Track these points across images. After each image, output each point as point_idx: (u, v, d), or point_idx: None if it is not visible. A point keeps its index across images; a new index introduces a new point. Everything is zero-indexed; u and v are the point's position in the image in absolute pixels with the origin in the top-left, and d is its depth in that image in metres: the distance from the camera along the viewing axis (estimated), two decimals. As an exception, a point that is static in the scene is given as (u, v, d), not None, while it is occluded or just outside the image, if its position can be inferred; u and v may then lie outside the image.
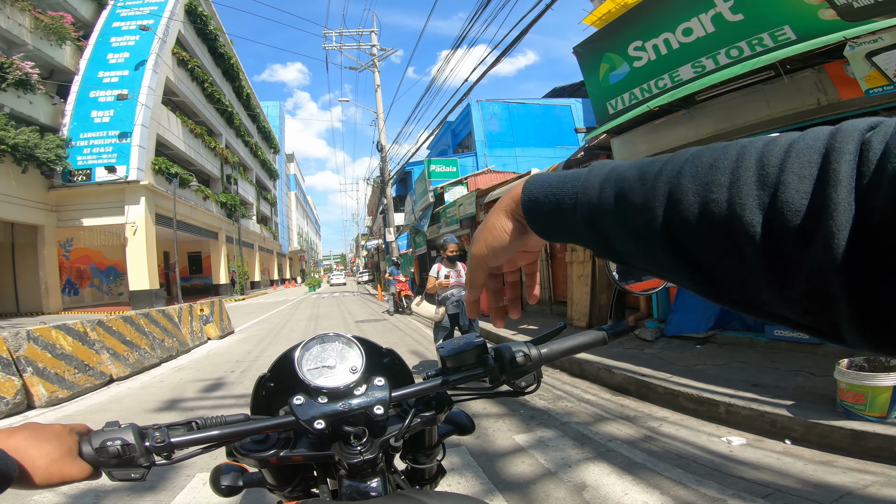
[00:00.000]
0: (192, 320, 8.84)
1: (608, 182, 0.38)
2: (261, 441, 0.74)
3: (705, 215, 0.30)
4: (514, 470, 2.70)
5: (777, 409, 2.83)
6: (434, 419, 0.81)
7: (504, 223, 0.49)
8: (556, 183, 0.43)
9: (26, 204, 15.61)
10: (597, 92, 6.25)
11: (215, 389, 5.16)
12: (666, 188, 0.33)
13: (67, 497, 2.53)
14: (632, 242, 0.37)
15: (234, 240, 28.90)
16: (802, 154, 0.28)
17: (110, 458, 0.57)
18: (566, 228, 0.43)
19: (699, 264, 0.32)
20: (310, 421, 0.68)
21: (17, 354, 4.47)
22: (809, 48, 3.78)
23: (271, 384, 0.83)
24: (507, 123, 19.58)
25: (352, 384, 0.73)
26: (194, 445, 0.65)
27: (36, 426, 0.57)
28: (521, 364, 0.74)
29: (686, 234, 0.32)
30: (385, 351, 0.89)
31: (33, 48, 15.43)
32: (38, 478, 0.53)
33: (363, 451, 0.71)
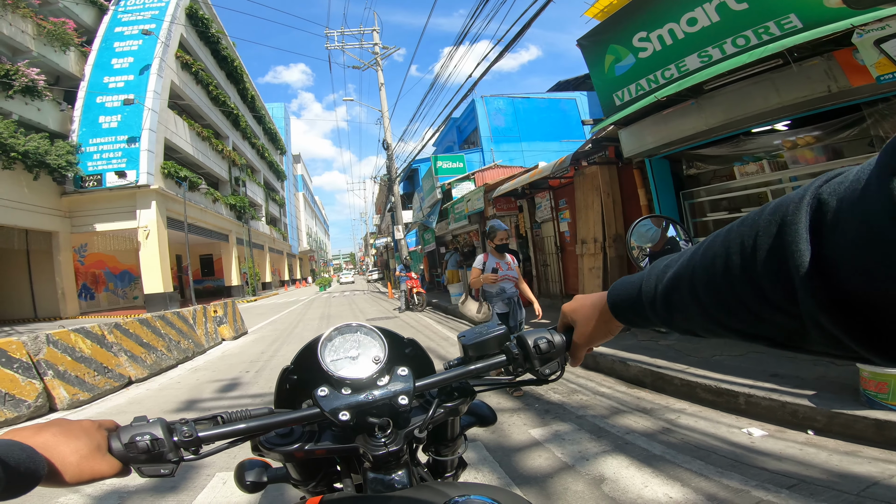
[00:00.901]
0: (207, 322, 8.94)
1: (654, 271, 0.52)
2: (285, 435, 0.74)
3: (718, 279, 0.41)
4: (530, 464, 2.69)
5: (798, 400, 2.78)
6: (457, 409, 0.80)
7: (598, 324, 0.67)
8: (626, 284, 0.58)
9: (40, 211, 15.84)
10: (602, 84, 6.21)
11: (231, 389, 5.22)
12: (690, 263, 0.46)
13: (92, 498, 2.56)
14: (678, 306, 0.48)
15: (244, 241, 29.13)
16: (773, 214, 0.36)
17: (140, 453, 0.57)
18: (640, 314, 0.55)
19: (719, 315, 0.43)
20: (334, 412, 0.67)
21: (38, 358, 4.55)
22: (817, 36, 3.74)
23: (294, 377, 0.83)
24: (512, 118, 19.45)
25: (375, 375, 0.73)
26: (221, 440, 0.65)
27: (65, 422, 0.57)
28: (545, 351, 0.73)
29: (704, 288, 0.43)
30: (407, 341, 0.88)
31: (38, 54, 15.58)
32: (68, 475, 0.52)
33: (388, 443, 0.71)
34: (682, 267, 0.47)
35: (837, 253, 0.29)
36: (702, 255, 0.43)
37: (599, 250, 7.23)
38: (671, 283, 0.48)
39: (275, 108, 52.75)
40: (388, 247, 30.37)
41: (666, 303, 0.49)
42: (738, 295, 0.38)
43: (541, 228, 10.05)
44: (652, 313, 0.52)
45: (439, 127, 14.39)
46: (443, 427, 0.87)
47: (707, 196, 5.94)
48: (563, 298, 9.10)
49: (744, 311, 0.39)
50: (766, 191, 5.21)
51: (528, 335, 0.74)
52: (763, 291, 0.35)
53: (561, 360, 0.74)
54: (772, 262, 0.34)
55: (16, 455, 0.47)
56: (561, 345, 0.73)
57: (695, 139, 5.38)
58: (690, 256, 0.46)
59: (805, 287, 0.31)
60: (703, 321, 0.45)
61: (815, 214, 0.31)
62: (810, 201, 0.32)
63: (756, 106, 4.61)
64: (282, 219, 45.99)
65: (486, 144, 18.79)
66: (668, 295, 0.48)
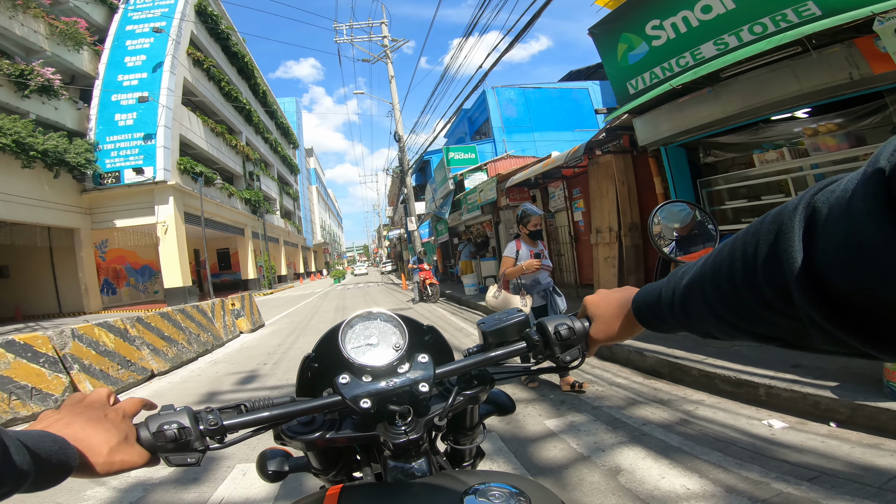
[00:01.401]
0: (225, 315, 9.10)
1: (673, 278, 0.55)
2: (307, 423, 0.74)
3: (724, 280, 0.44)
4: (546, 455, 2.69)
5: (820, 391, 2.73)
6: (476, 397, 0.80)
7: (622, 324, 0.68)
8: (650, 290, 0.61)
9: (61, 208, 16.21)
10: (616, 73, 6.12)
11: (250, 381, 5.31)
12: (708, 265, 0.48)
13: (118, 491, 2.64)
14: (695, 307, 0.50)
15: (259, 235, 29.48)
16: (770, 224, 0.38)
17: (167, 442, 0.58)
18: (661, 319, 0.58)
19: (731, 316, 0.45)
20: (355, 400, 0.67)
21: (63, 352, 4.67)
22: (836, 24, 3.64)
23: (315, 364, 0.83)
24: (523, 108, 19.31)
25: (395, 362, 0.73)
26: (245, 428, 0.66)
27: (91, 411, 0.57)
28: (566, 337, 0.72)
29: (715, 290, 0.46)
30: (426, 328, 0.88)
31: (51, 54, 15.80)
32: (98, 466, 0.53)
33: (408, 431, 0.71)
34: (695, 274, 0.50)
35: (827, 254, 0.31)
36: (711, 263, 0.46)
37: (615, 239, 7.16)
38: (686, 290, 0.51)
39: (286, 103, 52.96)
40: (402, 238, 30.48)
41: (683, 309, 0.52)
42: (743, 299, 0.41)
43: (554, 218, 9.98)
44: (672, 318, 0.55)
45: (450, 118, 14.33)
46: (461, 416, 0.87)
47: (725, 184, 5.84)
48: (578, 288, 9.05)
49: (750, 315, 0.42)
50: (787, 178, 5.10)
51: (549, 321, 0.73)
52: (764, 295, 0.38)
53: (582, 347, 0.73)
54: (770, 267, 0.37)
55: (47, 447, 0.48)
56: (582, 332, 0.72)
57: (712, 127, 5.28)
58: (703, 264, 0.48)
59: (798, 287, 0.33)
60: (717, 325, 0.47)
61: (808, 221, 0.33)
62: (804, 209, 0.34)
63: (775, 93, 4.51)
64: (296, 212, 46.40)
65: (498, 135, 18.71)
66: (684, 301, 0.51)
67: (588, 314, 0.73)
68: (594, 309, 0.72)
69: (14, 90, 14.19)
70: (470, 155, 16.43)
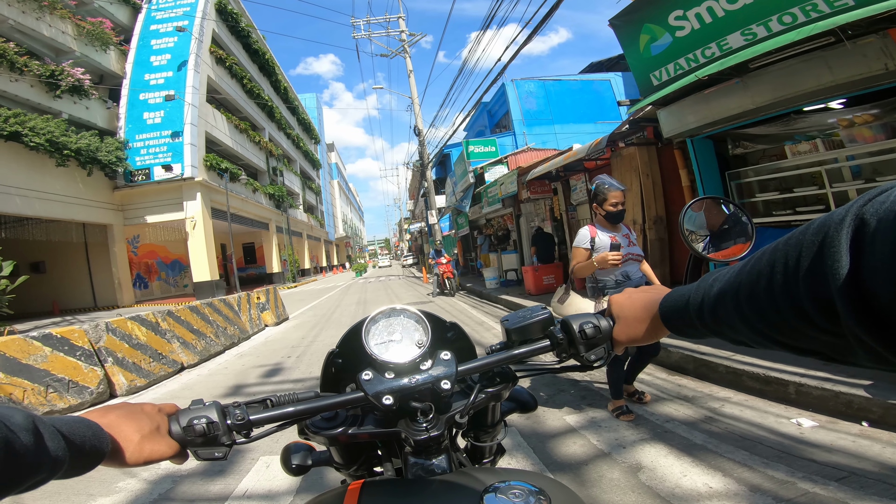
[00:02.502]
0: (251, 308, 9.31)
1: (703, 284, 0.54)
2: (330, 419, 0.76)
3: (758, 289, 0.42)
4: (566, 451, 2.68)
5: (853, 390, 2.63)
6: (499, 395, 0.80)
7: (648, 327, 0.66)
8: (677, 296, 0.59)
9: (94, 205, 16.83)
10: (638, 64, 5.97)
11: (274, 375, 5.44)
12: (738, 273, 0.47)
13: (148, 482, 2.74)
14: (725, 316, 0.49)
15: (283, 229, 30.01)
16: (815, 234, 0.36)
17: (196, 436, 0.60)
18: (689, 325, 0.56)
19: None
20: (378, 396, 0.68)
21: (98, 346, 4.85)
22: (871, 14, 3.47)
23: (339, 360, 0.84)
24: (544, 101, 19.06)
25: (418, 359, 0.73)
26: (271, 423, 0.67)
27: (129, 405, 0.60)
28: (591, 336, 0.70)
29: (747, 297, 0.44)
30: (449, 325, 0.88)
31: (80, 54, 16.32)
32: (129, 455, 0.55)
33: (430, 428, 0.71)
34: (727, 283, 0.48)
35: (875, 269, 0.30)
36: (748, 272, 0.44)
37: (639, 232, 7.03)
38: (718, 299, 0.49)
39: (307, 99, 53.56)
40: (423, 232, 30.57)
41: (714, 317, 0.50)
42: (782, 313, 0.39)
43: (576, 211, 9.85)
44: (701, 325, 0.53)
45: (470, 112, 14.26)
46: (483, 413, 0.87)
47: (755, 176, 5.65)
48: (599, 282, 8.91)
49: (789, 329, 0.40)
50: (821, 170, 4.91)
51: (573, 319, 0.72)
52: (804, 310, 0.36)
53: (607, 346, 0.71)
54: (813, 280, 0.35)
55: (81, 432, 0.50)
56: (608, 330, 0.71)
57: (741, 118, 5.10)
58: (737, 273, 0.46)
59: (843, 302, 0.32)
60: (752, 336, 0.46)
61: (856, 233, 0.32)
62: (852, 220, 0.32)
63: (807, 84, 4.34)
64: (318, 206, 47.01)
65: (518, 128, 18.54)
66: (715, 310, 0.50)
67: (613, 314, 0.71)
68: (618, 309, 0.70)
69: (46, 90, 14.72)
70: (490, 148, 16.32)
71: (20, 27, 14.19)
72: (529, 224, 12.12)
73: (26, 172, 13.76)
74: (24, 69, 13.72)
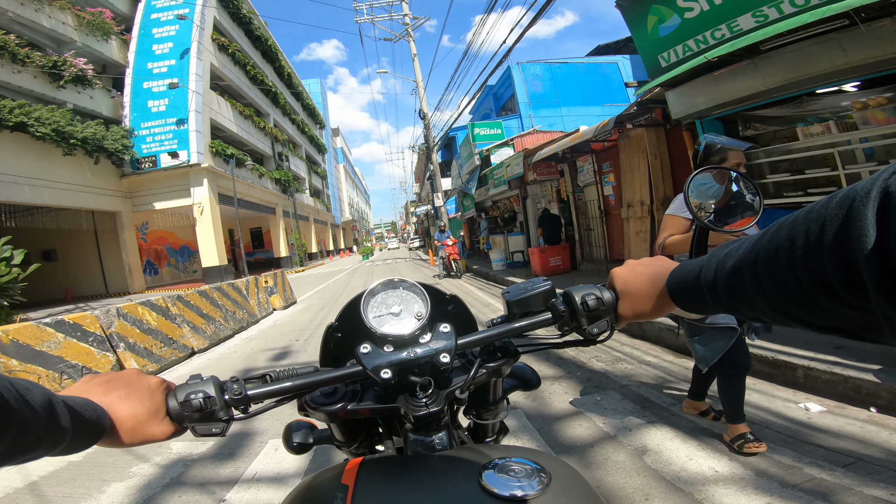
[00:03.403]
0: (259, 292, 9.40)
1: (713, 259, 0.51)
2: (329, 394, 0.75)
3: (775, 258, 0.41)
4: (571, 433, 2.69)
5: (862, 374, 2.60)
6: (499, 370, 0.78)
7: (655, 303, 0.64)
8: (685, 270, 0.58)
9: (103, 192, 16.96)
10: (646, 45, 5.86)
11: (283, 358, 5.51)
12: (750, 249, 0.45)
13: (160, 467, 2.79)
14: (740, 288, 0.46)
15: (290, 214, 30.12)
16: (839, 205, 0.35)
17: (193, 411, 0.60)
18: (700, 301, 0.54)
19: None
20: (376, 370, 0.67)
21: (110, 331, 4.92)
22: None
23: (339, 334, 0.83)
24: (550, 84, 18.88)
25: (417, 331, 0.71)
26: (269, 398, 0.67)
27: (134, 379, 0.60)
28: (594, 308, 0.67)
29: (765, 269, 0.42)
30: (449, 297, 0.86)
31: (82, 45, 16.24)
32: (124, 436, 0.56)
33: (429, 403, 0.70)
34: (743, 257, 0.45)
35: None
36: (766, 246, 0.42)
37: (647, 214, 6.97)
38: (733, 275, 0.47)
39: (311, 84, 53.15)
40: (429, 214, 30.52)
41: (729, 293, 0.48)
42: (804, 288, 0.37)
43: (583, 192, 9.76)
44: (714, 301, 0.51)
45: (475, 94, 14.10)
46: (485, 390, 0.86)
47: (766, 158, 5.56)
48: (608, 263, 8.89)
49: (810, 304, 0.38)
50: (834, 152, 4.82)
51: (576, 291, 0.69)
52: (829, 284, 0.35)
53: (610, 319, 0.69)
54: (838, 252, 0.34)
55: (87, 413, 0.51)
56: (611, 303, 0.68)
57: (751, 100, 5.01)
58: (753, 246, 0.44)
59: (871, 274, 0.31)
60: (772, 313, 0.44)
61: (881, 205, 0.31)
62: (879, 193, 0.31)
63: (820, 66, 4.25)
64: (324, 190, 47.04)
65: (524, 111, 18.40)
66: (731, 285, 0.47)
67: (616, 289, 0.68)
68: (622, 284, 0.67)
69: (49, 81, 14.72)
70: (496, 130, 16.20)
71: (19, 19, 14.13)
72: (536, 206, 12.05)
73: (34, 162, 13.85)
74: (26, 60, 13.70)
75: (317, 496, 0.64)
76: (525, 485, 0.56)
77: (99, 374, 0.61)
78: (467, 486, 0.58)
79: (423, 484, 0.61)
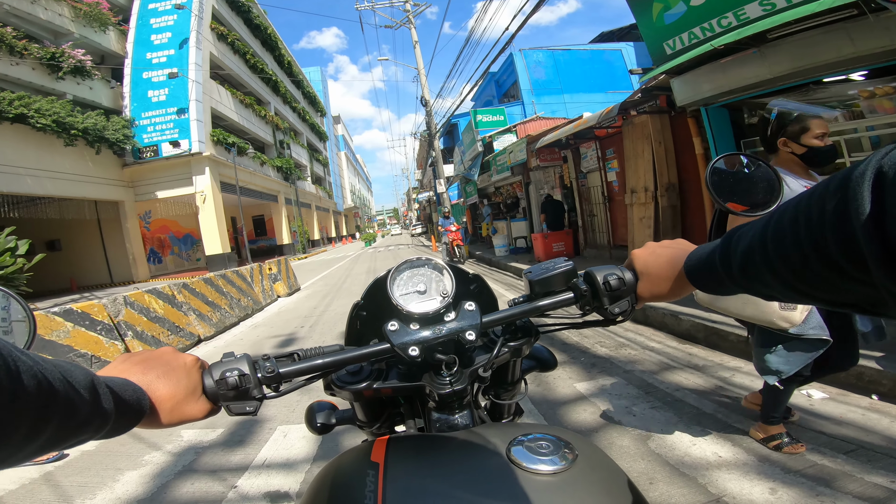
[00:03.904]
0: (263, 279, 9.43)
1: (727, 240, 0.53)
2: (355, 373, 0.76)
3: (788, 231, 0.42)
4: (576, 418, 2.73)
5: (865, 361, 2.59)
6: (521, 349, 0.80)
7: (673, 284, 0.65)
8: (702, 253, 0.59)
9: (105, 182, 16.96)
10: (651, 33, 5.82)
11: (289, 344, 5.56)
12: (764, 227, 0.47)
13: (172, 455, 2.83)
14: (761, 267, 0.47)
15: (292, 201, 30.09)
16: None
17: (228, 389, 0.60)
18: (718, 282, 0.56)
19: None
20: (403, 347, 0.67)
21: (118, 319, 4.93)
22: None
23: (364, 313, 0.84)
24: (553, 71, 18.85)
25: (442, 309, 0.72)
26: (299, 376, 0.67)
27: (172, 358, 0.59)
28: (616, 287, 0.68)
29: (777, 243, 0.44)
30: (472, 277, 0.87)
31: (79, 36, 16.12)
32: (164, 416, 0.55)
33: (453, 382, 0.71)
34: (754, 238, 0.47)
35: (892, 213, 0.32)
36: (774, 228, 0.44)
37: (650, 200, 6.96)
38: (745, 258, 0.49)
39: (311, 72, 52.72)
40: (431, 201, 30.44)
41: (744, 273, 0.50)
42: (812, 265, 0.39)
43: (587, 178, 9.72)
44: (730, 282, 0.53)
45: (477, 81, 14.01)
46: (504, 370, 0.87)
47: (772, 146, 5.54)
48: (611, 249, 8.89)
49: (820, 281, 0.40)
50: (840, 140, 4.81)
51: (598, 271, 0.71)
52: (835, 260, 0.37)
53: (631, 299, 0.70)
54: (839, 227, 0.36)
55: (128, 394, 0.50)
56: (632, 283, 0.69)
57: (758, 88, 4.98)
58: (762, 228, 0.46)
59: (868, 245, 0.33)
60: (785, 291, 0.46)
61: (876, 183, 0.33)
62: (872, 172, 0.34)
63: (827, 55, 4.22)
64: (326, 178, 46.91)
65: (527, 97, 18.33)
66: (745, 265, 0.49)
67: (636, 269, 0.70)
68: (643, 266, 0.68)
69: (48, 73, 14.69)
70: (498, 117, 16.10)
71: (15, 11, 14.01)
72: (539, 192, 12.01)
73: (35, 153, 13.85)
74: (23, 53, 13.65)
75: (348, 474, 0.64)
76: (554, 459, 0.57)
77: (136, 352, 0.59)
78: (497, 460, 0.58)
79: (452, 459, 0.62)
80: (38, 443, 0.37)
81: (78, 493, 2.45)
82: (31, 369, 0.36)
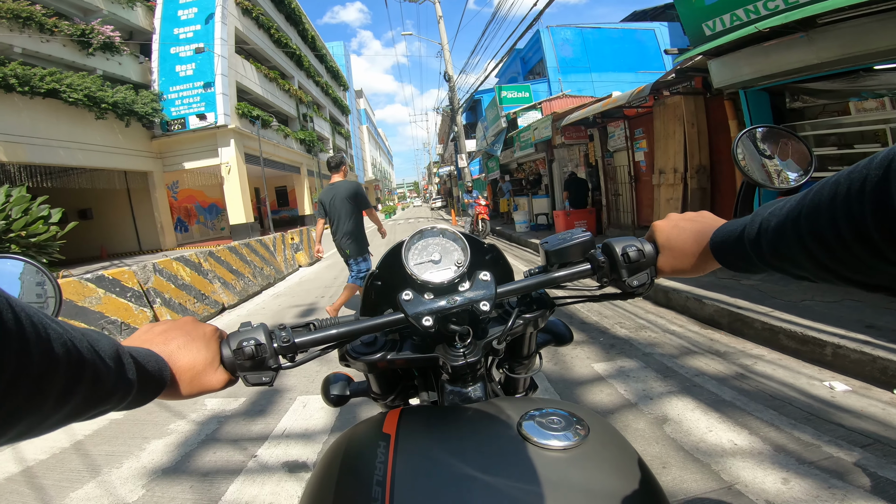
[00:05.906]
0: (285, 248, 9.60)
1: (758, 217, 0.51)
2: (370, 344, 0.76)
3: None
4: (592, 398, 2.73)
5: (891, 355, 2.53)
6: (536, 321, 0.78)
7: (697, 259, 0.63)
8: (730, 228, 0.57)
9: (134, 154, 17.41)
10: (689, 13, 5.58)
11: (309, 314, 5.67)
12: (793, 207, 0.45)
13: (196, 424, 2.92)
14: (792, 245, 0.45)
15: (314, 173, 30.34)
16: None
17: (245, 359, 0.60)
18: (745, 259, 0.54)
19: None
20: (418, 317, 0.66)
21: (147, 286, 5.03)
22: None
23: (379, 282, 0.83)
24: (580, 49, 18.31)
25: (457, 279, 0.70)
26: (315, 346, 0.67)
27: (192, 328, 0.59)
28: (635, 260, 0.66)
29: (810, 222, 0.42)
30: (488, 247, 0.85)
31: (108, 13, 16.33)
32: (183, 388, 0.56)
33: (467, 354, 0.70)
34: (787, 215, 0.45)
35: None
36: (809, 204, 0.42)
37: (679, 181, 6.79)
38: (777, 233, 0.47)
39: (335, 47, 52.36)
40: (452, 175, 30.27)
41: (773, 250, 0.48)
42: (847, 244, 0.38)
43: (613, 157, 9.49)
44: (758, 259, 0.51)
45: (502, 58, 13.71)
46: (519, 343, 0.86)
47: (812, 130, 5.31)
48: (634, 230, 8.73)
49: (854, 260, 0.39)
50: (885, 128, 4.58)
51: (616, 242, 0.69)
52: (871, 238, 0.36)
53: (650, 271, 0.67)
54: (878, 205, 0.34)
55: (151, 365, 0.50)
56: (651, 255, 0.67)
57: (802, 73, 4.75)
58: (797, 204, 0.44)
59: None
60: (815, 270, 0.44)
61: None
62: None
63: (880, 43, 3.99)
64: (348, 150, 46.98)
65: (553, 75, 17.92)
66: (775, 242, 0.47)
67: (658, 242, 0.67)
68: (665, 239, 0.66)
69: (79, 49, 14.99)
70: (523, 94, 15.79)
71: (45, -11, 14.19)
72: (562, 169, 11.81)
73: (68, 126, 14.29)
74: (53, 30, 13.92)
75: (359, 445, 0.65)
76: (565, 434, 0.57)
77: (158, 322, 0.59)
78: (508, 434, 0.58)
79: (462, 432, 0.62)
80: (64, 411, 0.37)
81: (105, 462, 2.53)
82: (62, 337, 0.36)
